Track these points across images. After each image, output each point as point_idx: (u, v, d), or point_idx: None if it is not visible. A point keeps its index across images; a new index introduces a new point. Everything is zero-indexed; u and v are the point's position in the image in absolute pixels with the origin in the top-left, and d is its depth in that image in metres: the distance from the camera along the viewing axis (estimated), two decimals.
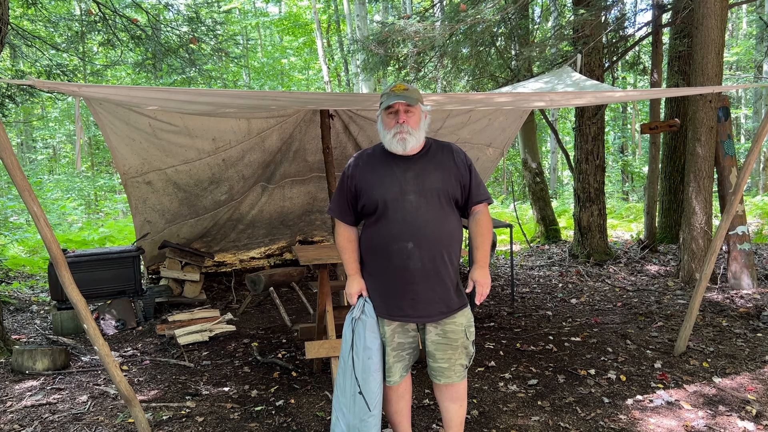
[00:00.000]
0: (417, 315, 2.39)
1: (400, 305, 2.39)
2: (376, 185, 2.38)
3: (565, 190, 18.55)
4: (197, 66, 7.96)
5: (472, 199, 2.47)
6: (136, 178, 5.24)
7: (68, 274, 2.71)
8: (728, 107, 6.01)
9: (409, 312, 2.38)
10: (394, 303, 2.39)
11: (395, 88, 2.38)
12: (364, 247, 2.48)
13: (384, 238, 2.37)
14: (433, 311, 2.39)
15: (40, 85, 2.76)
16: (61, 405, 3.50)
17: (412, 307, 2.38)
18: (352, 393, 2.40)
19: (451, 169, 2.43)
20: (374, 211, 2.39)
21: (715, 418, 3.11)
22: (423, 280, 2.35)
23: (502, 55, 8.14)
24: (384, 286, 2.41)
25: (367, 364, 2.36)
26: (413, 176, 2.37)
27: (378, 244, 2.39)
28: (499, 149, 6.81)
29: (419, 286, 2.35)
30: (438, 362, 2.46)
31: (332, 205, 2.56)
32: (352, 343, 2.40)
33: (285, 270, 5.70)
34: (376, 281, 2.43)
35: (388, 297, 2.40)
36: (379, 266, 2.41)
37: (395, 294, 2.38)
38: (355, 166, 2.47)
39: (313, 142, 5.87)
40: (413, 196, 2.35)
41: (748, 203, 12.66)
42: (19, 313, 5.84)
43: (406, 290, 2.36)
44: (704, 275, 3.93)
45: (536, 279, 6.89)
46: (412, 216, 2.33)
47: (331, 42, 21.14)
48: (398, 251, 2.33)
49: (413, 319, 2.40)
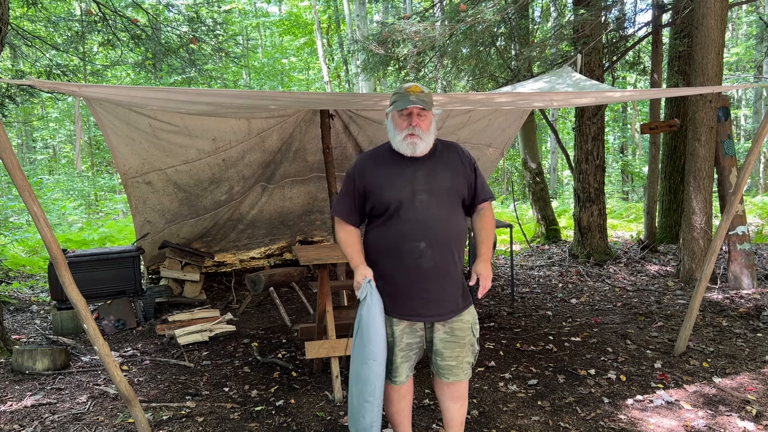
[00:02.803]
0: (429, 314, 2.39)
1: (412, 305, 2.38)
2: (387, 186, 2.36)
3: (565, 190, 18.55)
4: (197, 66, 7.96)
5: (477, 198, 2.49)
6: (136, 178, 5.24)
7: (68, 274, 2.71)
8: (728, 107, 6.01)
9: (420, 311, 2.38)
10: (405, 303, 2.39)
11: (411, 89, 2.35)
12: (373, 248, 2.45)
13: (395, 237, 2.36)
14: (444, 310, 2.39)
15: (40, 85, 2.76)
16: (61, 405, 3.50)
17: (423, 306, 2.37)
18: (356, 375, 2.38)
19: (458, 168, 2.44)
20: (385, 212, 2.38)
21: (715, 418, 3.11)
22: (434, 279, 2.35)
23: (502, 55, 8.14)
24: (394, 286, 2.39)
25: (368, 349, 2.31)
26: (423, 176, 2.37)
27: (388, 244, 2.38)
28: (499, 149, 6.80)
29: (431, 285, 2.35)
30: (446, 360, 2.46)
31: (337, 207, 2.53)
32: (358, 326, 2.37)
33: (285, 270, 5.70)
34: (385, 282, 2.40)
35: (399, 297, 2.39)
36: (389, 266, 2.39)
37: (406, 294, 2.38)
38: (363, 167, 2.45)
39: (313, 142, 5.87)
40: (424, 195, 2.35)
41: (748, 203, 12.67)
42: (19, 313, 5.84)
43: (417, 289, 2.36)
44: (704, 275, 3.93)
45: (536, 279, 6.89)
46: (424, 215, 2.33)
47: (331, 42, 21.14)
48: (410, 250, 2.33)
49: (425, 319, 2.40)
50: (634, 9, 11.12)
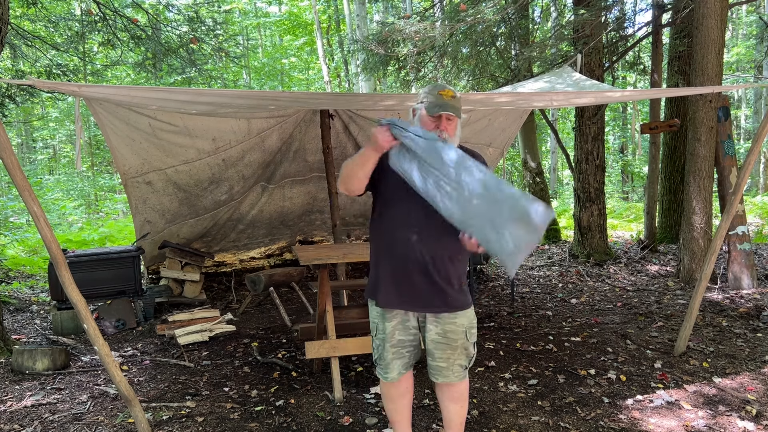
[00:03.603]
0: (418, 305, 2.41)
1: (401, 294, 2.40)
2: (401, 182, 2.32)
3: (565, 190, 18.57)
4: (197, 66, 7.96)
5: None
6: (136, 178, 5.24)
7: (68, 274, 2.71)
8: (728, 107, 6.02)
9: (409, 300, 2.40)
10: (394, 291, 2.42)
11: (444, 93, 2.33)
12: (374, 234, 2.51)
13: (389, 224, 2.40)
14: (433, 303, 2.40)
15: (40, 85, 2.77)
16: (61, 405, 3.50)
17: (412, 296, 2.39)
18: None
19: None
20: (384, 197, 2.42)
21: (715, 418, 3.11)
22: (425, 271, 2.36)
23: (502, 55, 8.14)
24: (389, 273, 2.43)
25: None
26: None
27: (384, 231, 2.43)
28: (499, 149, 6.81)
29: (421, 276, 2.37)
30: (436, 361, 2.47)
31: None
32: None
33: (285, 270, 5.70)
34: (382, 268, 2.45)
35: (390, 284, 2.42)
36: (385, 253, 2.44)
37: (396, 281, 2.41)
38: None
39: (313, 142, 5.88)
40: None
41: (748, 203, 12.67)
42: (19, 313, 5.84)
43: (407, 279, 2.38)
44: (704, 275, 3.93)
45: (536, 279, 6.89)
46: (419, 205, 2.32)
47: (331, 42, 21.13)
48: (402, 240, 2.36)
49: (415, 309, 2.42)
50: (634, 9, 11.12)
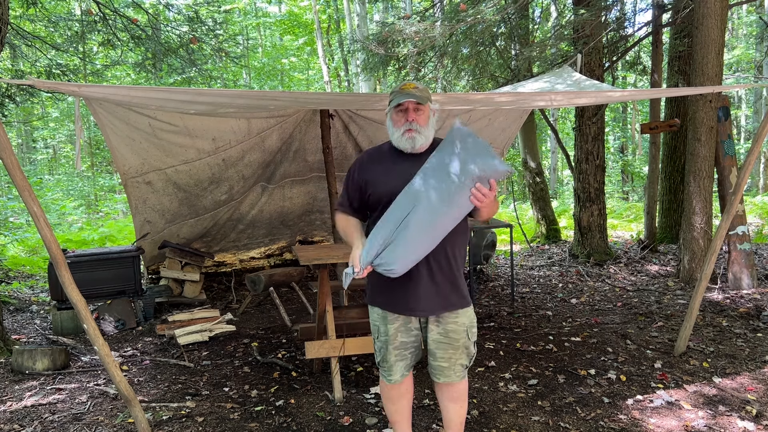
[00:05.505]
0: (420, 309, 2.40)
1: (405, 299, 2.39)
2: (382, 180, 2.39)
3: (565, 190, 18.56)
4: (197, 66, 7.96)
5: None
6: (136, 178, 5.24)
7: (68, 274, 2.71)
8: (728, 107, 6.01)
9: (412, 306, 2.40)
10: (398, 297, 2.40)
11: (405, 86, 2.39)
12: None
13: None
14: (435, 306, 2.39)
15: (40, 85, 2.77)
16: (61, 405, 3.50)
17: (414, 301, 2.38)
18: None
19: None
20: (378, 205, 2.40)
21: (715, 418, 3.11)
22: (426, 275, 2.36)
23: (502, 55, 8.14)
24: (388, 280, 2.41)
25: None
26: None
27: None
28: (499, 149, 6.81)
29: (422, 280, 2.36)
30: (438, 361, 2.47)
31: (337, 202, 2.60)
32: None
33: (285, 270, 5.70)
34: (379, 275, 2.42)
35: (391, 291, 2.41)
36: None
37: (398, 288, 2.39)
38: (362, 162, 2.50)
39: (313, 142, 5.88)
40: None
41: (748, 203, 12.67)
42: (19, 313, 5.84)
43: (408, 284, 2.37)
44: (704, 275, 3.93)
45: (536, 279, 6.89)
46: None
47: (331, 42, 21.14)
48: None
49: (417, 313, 2.41)
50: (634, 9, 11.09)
